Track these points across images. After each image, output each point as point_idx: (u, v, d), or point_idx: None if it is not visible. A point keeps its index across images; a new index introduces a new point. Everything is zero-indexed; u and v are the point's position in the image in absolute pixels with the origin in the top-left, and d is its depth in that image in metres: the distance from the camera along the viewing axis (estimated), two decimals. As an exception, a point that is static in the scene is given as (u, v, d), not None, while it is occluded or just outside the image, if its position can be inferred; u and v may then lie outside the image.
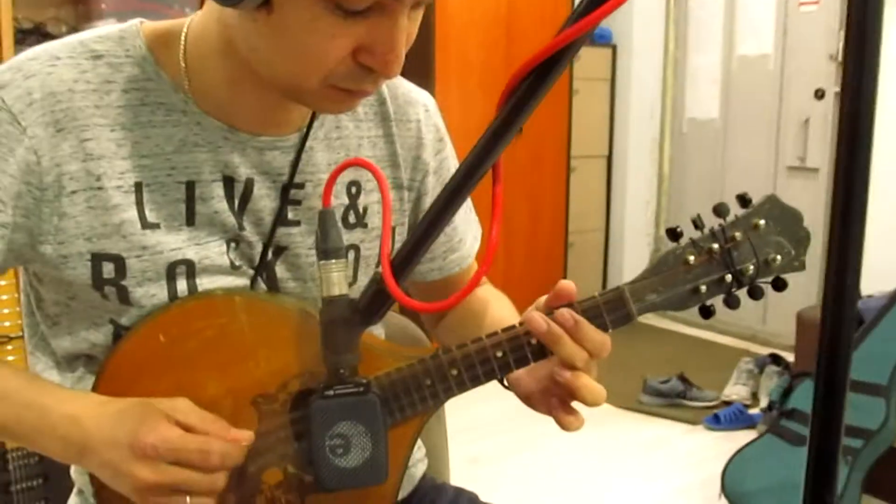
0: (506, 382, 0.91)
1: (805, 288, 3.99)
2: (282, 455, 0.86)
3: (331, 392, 0.77)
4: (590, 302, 0.84)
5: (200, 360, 0.85)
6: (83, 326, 0.88)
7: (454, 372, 0.84)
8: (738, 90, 4.52)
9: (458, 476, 1.29)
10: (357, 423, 0.77)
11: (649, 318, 5.00)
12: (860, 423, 2.57)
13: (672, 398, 3.51)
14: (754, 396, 3.51)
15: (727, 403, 3.44)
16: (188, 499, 0.78)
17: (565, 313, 0.82)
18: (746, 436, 2.75)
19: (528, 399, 0.91)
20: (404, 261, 0.71)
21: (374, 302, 0.74)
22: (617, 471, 2.99)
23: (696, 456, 3.10)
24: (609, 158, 4.96)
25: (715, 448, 3.08)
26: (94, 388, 0.87)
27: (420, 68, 3.70)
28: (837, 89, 3.96)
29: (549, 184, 4.44)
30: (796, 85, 4.19)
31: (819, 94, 4.03)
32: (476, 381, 0.85)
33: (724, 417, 3.30)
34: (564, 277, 2.10)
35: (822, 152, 4.05)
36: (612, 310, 0.84)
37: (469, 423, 3.30)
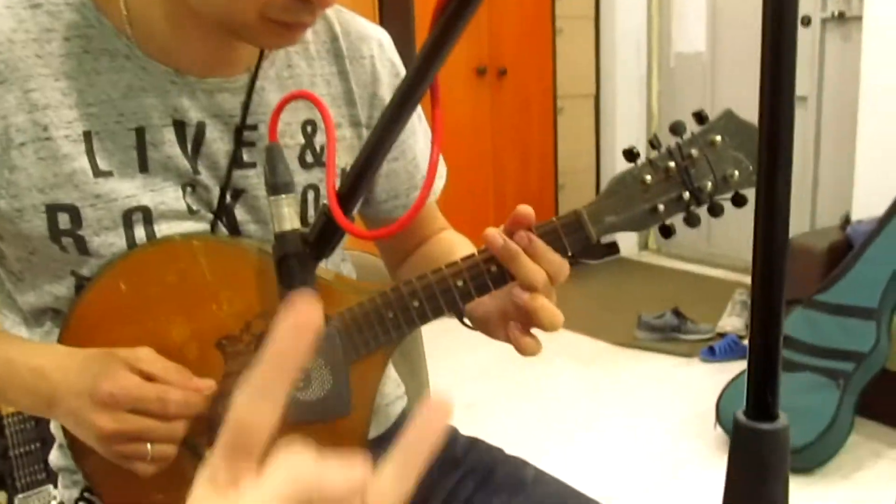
0: (466, 321, 0.91)
1: (796, 216, 3.99)
2: (249, 395, 0.86)
3: (288, 327, 0.77)
4: (548, 226, 0.84)
5: (163, 306, 0.85)
6: (46, 280, 0.88)
7: (415, 303, 0.84)
8: (725, 22, 4.48)
9: (455, 422, 1.30)
10: (316, 357, 0.77)
11: (643, 256, 5.02)
12: (852, 346, 2.59)
13: (667, 333, 3.53)
14: (748, 328, 3.52)
15: (722, 336, 3.46)
16: (149, 446, 0.79)
17: (521, 233, 0.81)
18: (741, 367, 2.77)
19: (485, 325, 0.90)
20: (350, 190, 0.71)
21: (324, 234, 0.74)
22: (614, 406, 3.02)
23: (692, 389, 3.12)
24: (597, 97, 4.93)
25: (710, 380, 3.10)
26: (60, 341, 0.87)
27: (399, 15, 3.66)
28: (824, 15, 3.92)
29: (536, 126, 4.41)
30: (781, 13, 4.14)
31: (805, 21, 3.98)
32: (438, 312, 0.85)
33: (719, 350, 3.32)
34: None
35: (809, 80, 4.02)
36: (570, 232, 0.84)
37: (464, 369, 3.33)
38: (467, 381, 3.21)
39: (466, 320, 0.92)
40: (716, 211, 0.88)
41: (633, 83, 4.91)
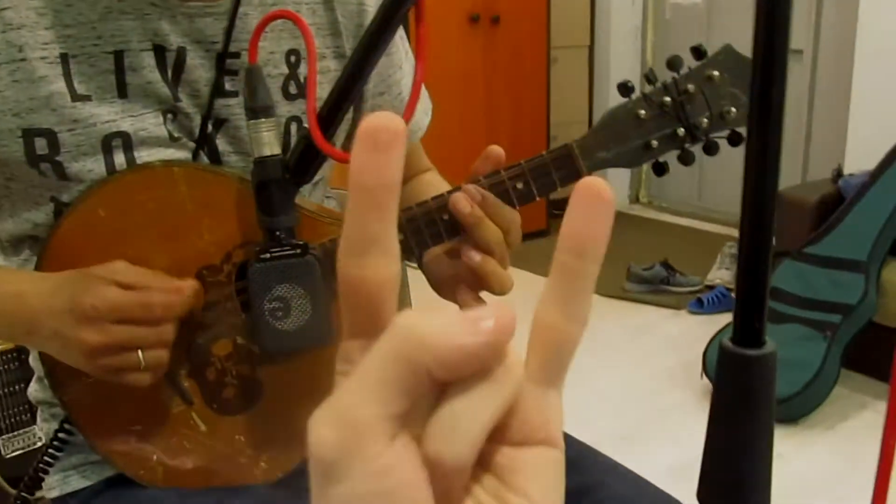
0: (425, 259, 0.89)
1: (788, 168, 3.97)
2: (230, 326, 0.85)
3: (267, 255, 0.75)
4: (538, 160, 0.82)
5: (143, 234, 0.84)
6: (24, 207, 0.87)
7: (399, 236, 0.82)
8: (722, -28, 4.42)
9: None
10: (295, 286, 0.75)
11: (634, 209, 5.01)
12: (840, 298, 2.59)
13: (656, 285, 3.53)
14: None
15: (711, 288, 3.46)
16: (140, 354, 0.77)
17: (471, 188, 0.79)
18: (729, 319, 2.77)
19: (437, 286, 0.89)
20: (330, 113, 0.69)
21: (304, 159, 0.72)
22: (602, 357, 3.03)
23: (680, 340, 3.13)
24: (591, 48, 4.88)
25: (698, 331, 3.11)
26: (37, 268, 0.85)
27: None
28: (821, -34, 3.86)
29: (529, 76, 4.36)
30: (780, -37, 4.09)
31: (803, -27, 3.93)
32: (423, 245, 0.83)
33: (708, 301, 3.33)
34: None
35: (806, 33, 3.97)
36: (560, 167, 0.82)
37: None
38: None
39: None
40: (711, 149, 0.86)
41: (628, 35, 4.86)
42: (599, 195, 0.30)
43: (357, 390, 0.27)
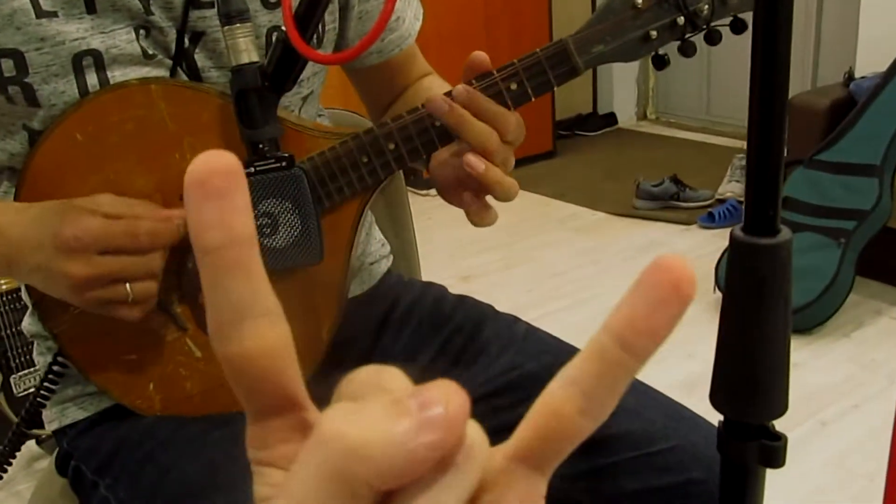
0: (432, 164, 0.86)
1: (796, 74, 3.88)
2: (219, 249, 0.82)
3: (251, 169, 0.71)
4: (531, 59, 0.78)
5: (123, 156, 0.80)
6: None
7: (391, 146, 0.78)
8: None
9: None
10: (283, 200, 0.72)
11: (642, 125, 4.93)
12: (853, 204, 2.54)
13: (666, 200, 3.48)
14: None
15: (722, 202, 3.41)
16: (128, 286, 0.74)
17: (459, 88, 0.75)
18: (740, 230, 2.73)
19: (444, 191, 0.85)
20: (308, 10, 0.64)
21: (283, 63, 0.67)
22: (613, 274, 3.00)
23: (692, 254, 3.09)
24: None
25: (710, 245, 3.07)
26: (17, 198, 0.82)
27: None
28: None
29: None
30: None
31: None
32: (415, 154, 0.79)
33: (719, 215, 3.28)
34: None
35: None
36: (555, 65, 0.77)
37: (457, 242, 3.30)
38: (462, 254, 3.18)
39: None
40: (713, 38, 0.81)
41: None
42: (676, 285, 0.25)
43: None
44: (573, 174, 4.02)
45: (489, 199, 0.82)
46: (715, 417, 0.95)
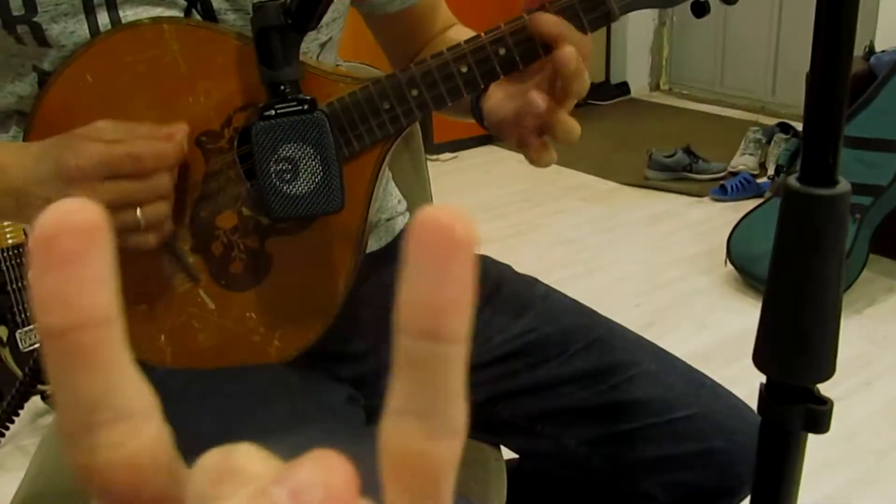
0: (482, 107, 0.82)
1: (816, 51, 3.82)
2: (234, 196, 0.79)
3: (272, 112, 0.68)
4: (565, 2, 0.74)
5: (135, 99, 0.77)
6: (7, 79, 0.80)
7: (414, 92, 0.75)
8: None
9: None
10: (304, 145, 0.69)
11: (654, 96, 4.88)
12: (869, 179, 2.50)
13: (678, 171, 3.44)
14: (762, 167, 3.43)
15: (734, 174, 3.37)
16: (138, 211, 0.71)
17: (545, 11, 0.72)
18: (753, 205, 2.70)
19: (498, 128, 0.82)
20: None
21: (307, 0, 0.64)
22: (624, 243, 2.97)
23: (703, 226, 3.07)
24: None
25: (721, 218, 3.04)
26: (25, 141, 0.79)
27: None
28: None
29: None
30: None
31: None
32: (440, 102, 0.76)
33: (731, 188, 3.24)
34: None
35: None
36: (589, 9, 0.74)
37: (470, 209, 3.26)
38: (481, 216, 3.15)
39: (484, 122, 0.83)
40: None
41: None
42: (448, 234, 0.19)
43: None
44: (584, 143, 3.95)
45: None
46: (734, 388, 0.93)
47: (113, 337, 0.19)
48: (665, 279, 2.71)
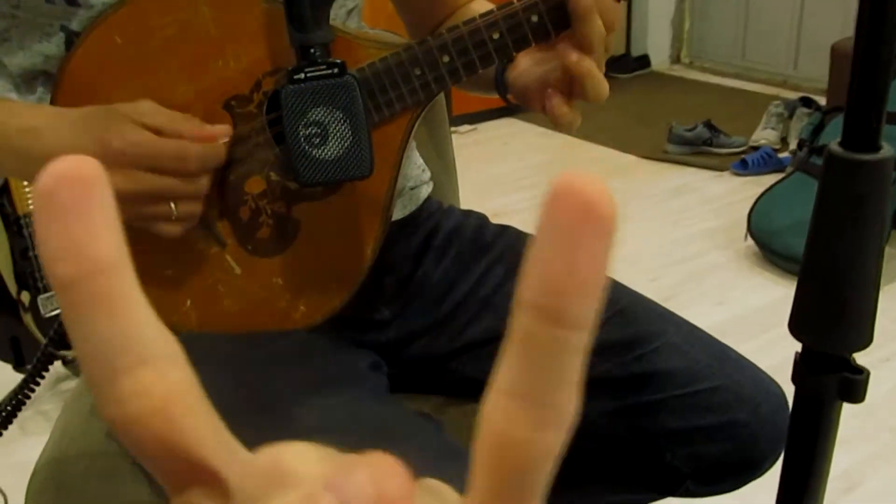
0: (507, 75, 0.81)
1: (840, 25, 3.78)
2: (262, 161, 0.79)
3: (301, 75, 0.68)
4: None
5: (164, 62, 0.77)
6: (34, 38, 0.80)
7: (445, 59, 0.75)
8: None
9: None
10: (333, 109, 0.68)
11: (675, 69, 4.83)
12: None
13: (698, 146, 3.41)
14: (784, 141, 3.40)
15: (755, 149, 3.34)
16: (173, 205, 0.72)
17: None
18: (775, 179, 2.68)
19: (523, 95, 0.82)
20: None
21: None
22: (642, 217, 2.96)
23: (723, 201, 3.05)
24: None
25: (742, 192, 3.02)
26: (53, 103, 0.79)
27: None
28: None
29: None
30: None
31: None
32: (471, 68, 0.75)
33: (752, 162, 3.22)
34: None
35: None
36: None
37: (489, 181, 3.26)
38: (490, 193, 3.15)
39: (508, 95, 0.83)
40: None
41: None
42: (587, 208, 0.17)
43: None
44: (603, 116, 3.94)
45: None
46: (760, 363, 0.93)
47: (124, 281, 0.19)
48: (683, 254, 2.70)
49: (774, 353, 0.59)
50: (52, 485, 0.91)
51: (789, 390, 0.56)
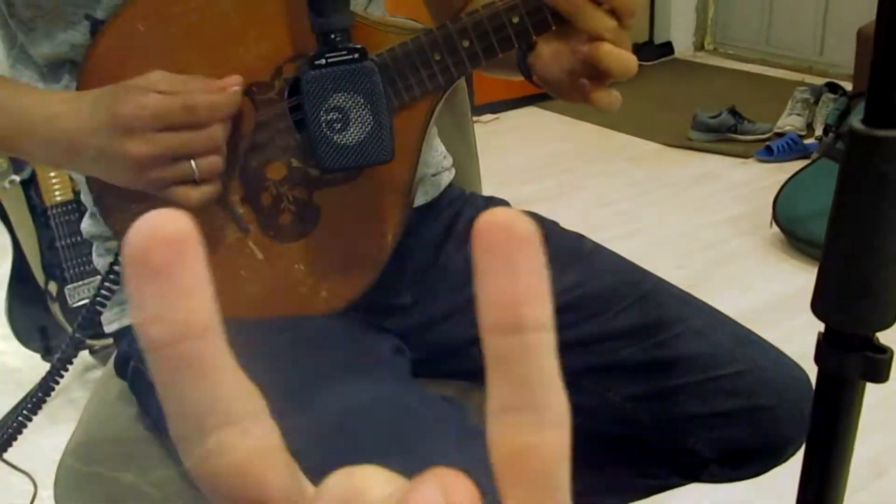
0: (531, 63, 0.81)
1: (867, 9, 3.73)
2: (283, 148, 0.79)
3: (322, 61, 0.68)
4: None
5: (185, 48, 0.77)
6: (59, 27, 0.81)
7: (465, 43, 0.75)
8: None
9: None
10: (354, 94, 0.69)
11: (699, 56, 4.80)
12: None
13: (722, 133, 3.38)
14: (809, 127, 3.37)
15: (780, 136, 3.31)
16: (193, 163, 0.72)
17: None
18: (800, 166, 2.66)
19: (559, 89, 0.81)
20: None
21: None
22: (667, 205, 2.94)
23: (748, 188, 3.02)
24: None
25: (767, 179, 3.00)
26: (78, 89, 0.80)
27: None
28: None
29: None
30: None
31: None
32: (490, 52, 0.75)
33: (777, 148, 3.19)
34: None
35: None
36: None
37: (511, 170, 3.26)
38: (512, 181, 3.14)
39: (532, 78, 0.82)
40: None
41: None
42: (509, 231, 0.20)
43: None
44: (627, 104, 3.86)
45: None
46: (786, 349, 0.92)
47: (215, 345, 0.19)
48: (708, 241, 2.68)
49: (801, 340, 0.58)
50: (81, 470, 0.92)
51: (816, 377, 0.55)
